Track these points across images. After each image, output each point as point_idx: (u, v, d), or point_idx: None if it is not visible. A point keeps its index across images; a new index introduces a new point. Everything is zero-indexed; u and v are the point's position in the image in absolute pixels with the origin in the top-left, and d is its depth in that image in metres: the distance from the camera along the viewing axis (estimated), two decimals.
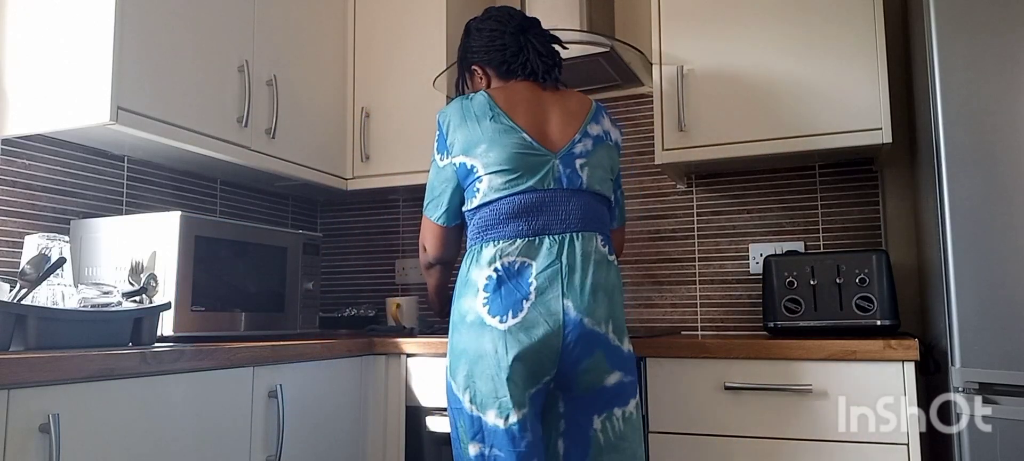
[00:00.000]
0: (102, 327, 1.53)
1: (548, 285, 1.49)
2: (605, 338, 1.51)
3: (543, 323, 1.47)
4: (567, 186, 1.56)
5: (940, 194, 1.54)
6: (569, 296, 1.49)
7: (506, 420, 1.46)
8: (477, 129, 1.58)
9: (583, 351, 1.49)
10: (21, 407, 1.17)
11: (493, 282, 1.51)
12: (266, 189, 2.58)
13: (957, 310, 1.50)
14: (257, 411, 1.64)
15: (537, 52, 1.68)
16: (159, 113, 1.80)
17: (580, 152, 1.59)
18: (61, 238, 1.60)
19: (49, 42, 1.77)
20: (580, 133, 1.60)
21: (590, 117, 1.64)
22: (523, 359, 1.47)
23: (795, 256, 2.03)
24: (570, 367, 1.49)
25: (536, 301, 1.48)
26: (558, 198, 1.55)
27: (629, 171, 2.51)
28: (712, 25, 2.12)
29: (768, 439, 1.70)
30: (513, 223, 1.54)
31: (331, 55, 2.47)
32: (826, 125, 1.97)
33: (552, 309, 1.48)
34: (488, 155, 1.56)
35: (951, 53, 1.54)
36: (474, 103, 1.61)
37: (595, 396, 1.51)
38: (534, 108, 1.61)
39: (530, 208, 1.54)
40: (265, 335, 2.00)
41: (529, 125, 1.58)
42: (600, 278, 1.53)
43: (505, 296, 1.50)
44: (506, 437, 1.47)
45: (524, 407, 1.47)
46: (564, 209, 1.55)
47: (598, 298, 1.51)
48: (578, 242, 1.53)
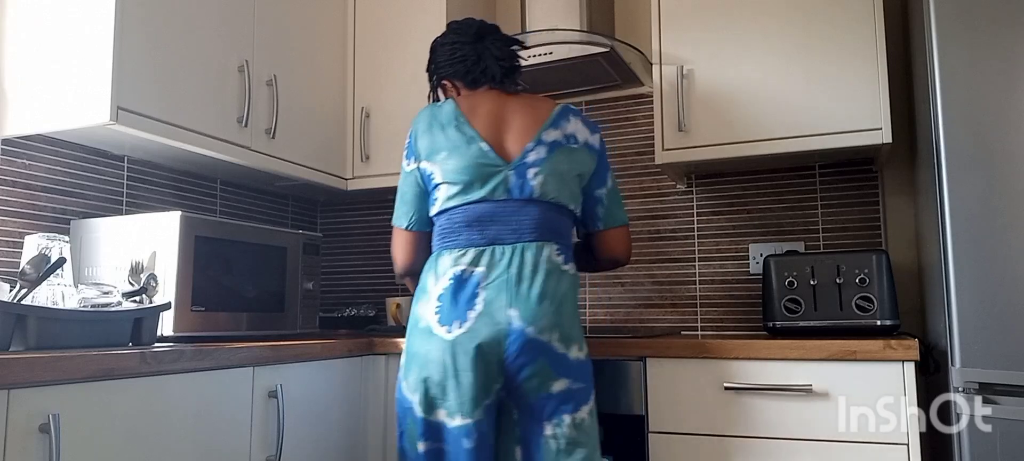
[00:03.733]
0: (102, 327, 1.53)
1: (495, 295, 1.53)
2: (549, 347, 1.53)
3: (487, 333, 1.51)
4: (518, 196, 1.59)
5: (940, 194, 1.54)
6: (515, 306, 1.52)
7: (455, 421, 1.52)
8: (441, 136, 1.62)
9: (526, 360, 1.51)
10: (21, 407, 1.17)
11: (448, 291, 1.56)
12: (266, 189, 2.58)
13: (957, 310, 1.50)
14: (257, 411, 1.64)
15: (494, 57, 1.70)
16: (159, 113, 1.80)
17: (532, 161, 1.60)
18: (61, 238, 1.60)
19: (49, 42, 1.77)
20: (534, 141, 1.62)
21: (549, 123, 1.64)
22: (469, 368, 1.51)
23: (795, 256, 2.03)
24: (514, 375, 1.52)
25: (483, 311, 1.52)
26: (509, 208, 1.58)
27: (629, 171, 2.51)
28: (712, 25, 2.12)
29: (768, 439, 1.70)
30: (467, 232, 1.58)
31: (331, 55, 2.47)
32: (826, 125, 1.97)
33: (497, 319, 1.52)
34: (447, 163, 1.60)
35: (951, 53, 1.54)
36: (442, 111, 1.65)
37: (543, 404, 1.53)
38: (496, 117, 1.64)
39: (482, 218, 1.58)
40: (265, 335, 2.00)
41: (488, 134, 1.61)
42: (549, 287, 1.55)
43: (455, 306, 1.54)
44: (455, 434, 1.52)
45: (474, 413, 1.52)
46: (516, 219, 1.58)
47: (544, 307, 1.53)
48: (529, 252, 1.56)
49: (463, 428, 1.52)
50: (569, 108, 1.70)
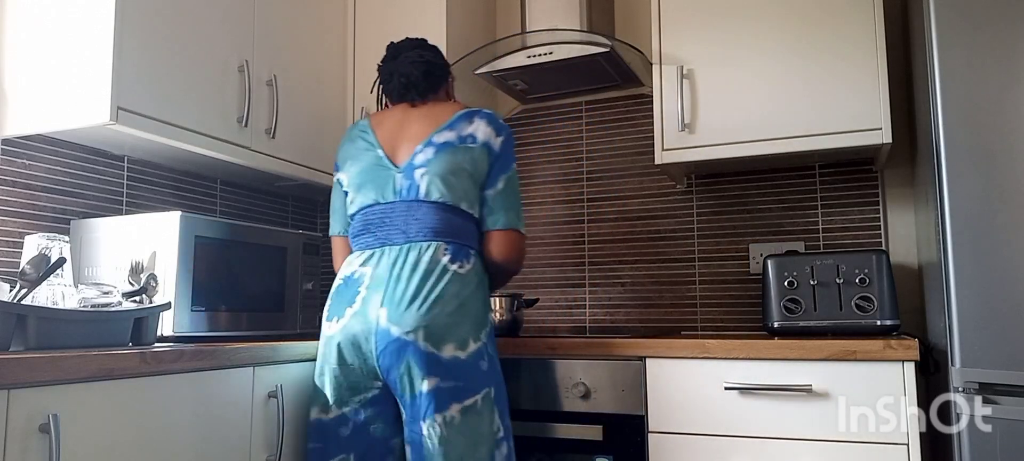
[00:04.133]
0: (102, 327, 1.53)
1: (371, 295, 1.61)
2: (412, 344, 1.56)
3: (358, 329, 1.61)
4: (406, 197, 1.66)
5: (940, 194, 1.54)
6: (385, 305, 1.59)
7: (326, 413, 1.65)
8: (350, 148, 1.78)
9: (392, 360, 1.57)
10: (21, 407, 1.17)
11: (337, 289, 1.69)
12: (266, 189, 2.57)
13: (957, 310, 1.50)
14: (257, 411, 1.64)
15: (400, 74, 1.78)
16: (159, 113, 1.80)
17: (420, 163, 1.67)
18: (61, 238, 1.60)
19: (49, 42, 1.77)
20: (423, 143, 1.68)
21: (445, 125, 1.70)
22: (341, 362, 1.63)
23: (795, 256, 2.03)
24: (386, 373, 1.60)
25: (358, 310, 1.61)
26: (399, 209, 1.67)
27: (629, 171, 2.51)
28: (712, 25, 2.12)
29: (768, 439, 1.70)
30: (364, 235, 1.69)
31: (331, 55, 2.47)
32: (826, 125, 1.97)
33: (368, 318, 1.60)
34: (351, 169, 1.75)
35: (951, 53, 1.54)
36: (357, 126, 1.81)
37: (415, 402, 1.57)
38: (398, 126, 1.74)
39: (375, 221, 1.68)
40: (265, 335, 1.99)
41: (385, 142, 1.73)
42: (425, 287, 1.58)
43: (339, 302, 1.66)
44: (323, 428, 1.65)
45: (349, 403, 1.63)
46: (403, 220, 1.65)
47: (413, 307, 1.57)
48: (413, 252, 1.61)
49: (339, 417, 1.64)
50: (477, 111, 1.74)
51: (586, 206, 2.59)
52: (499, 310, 2.21)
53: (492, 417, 1.62)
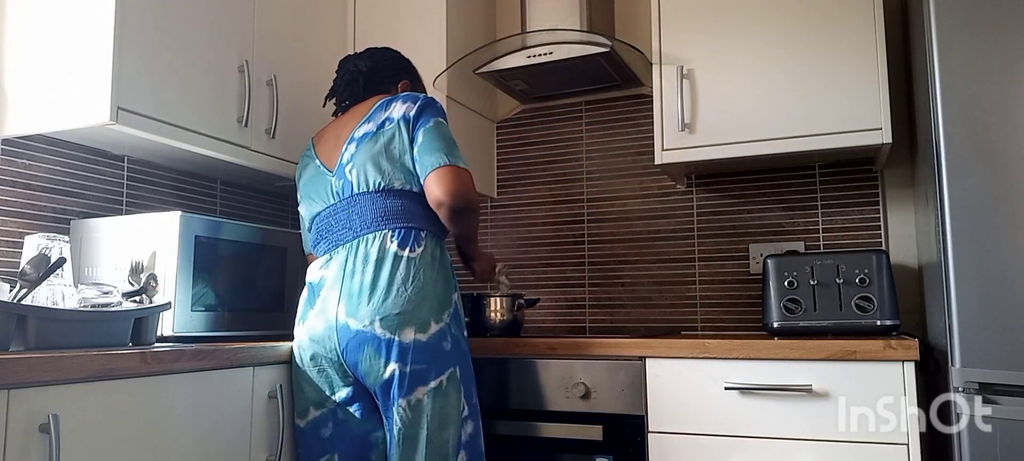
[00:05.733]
0: (102, 327, 1.53)
1: (329, 293, 1.65)
2: (371, 335, 1.58)
3: (320, 328, 1.64)
4: (344, 195, 1.70)
5: (940, 194, 1.54)
6: (342, 300, 1.62)
7: (303, 418, 1.67)
8: (300, 169, 1.87)
9: (355, 351, 1.60)
10: (21, 407, 1.17)
11: (304, 296, 1.74)
12: (266, 189, 2.57)
13: (957, 310, 1.50)
14: (257, 411, 1.64)
15: (333, 88, 1.91)
16: (159, 113, 1.80)
17: (346, 160, 1.72)
18: (61, 238, 1.60)
19: (49, 42, 1.77)
20: (347, 141, 1.74)
21: (364, 119, 1.74)
22: (312, 362, 1.66)
23: (795, 256, 2.03)
24: (353, 366, 1.62)
25: (318, 310, 1.66)
26: (340, 208, 1.71)
27: (629, 171, 2.51)
28: (712, 25, 2.12)
29: (768, 439, 1.70)
30: (321, 243, 1.74)
31: (331, 55, 2.46)
32: (826, 125, 1.97)
33: (328, 317, 1.64)
34: (298, 184, 1.84)
35: (951, 53, 1.54)
36: (306, 151, 1.88)
37: (385, 389, 1.60)
38: (331, 136, 1.81)
39: (325, 226, 1.73)
40: (265, 335, 1.99)
41: (322, 152, 1.80)
42: (377, 276, 1.61)
43: (304, 308, 1.71)
44: (303, 434, 1.67)
45: (322, 407, 1.66)
46: (346, 217, 1.69)
47: (364, 298, 1.60)
48: (362, 245, 1.65)
49: (318, 418, 1.66)
50: (395, 97, 1.76)
51: (586, 206, 2.59)
52: (499, 310, 2.21)
53: (458, 397, 1.62)
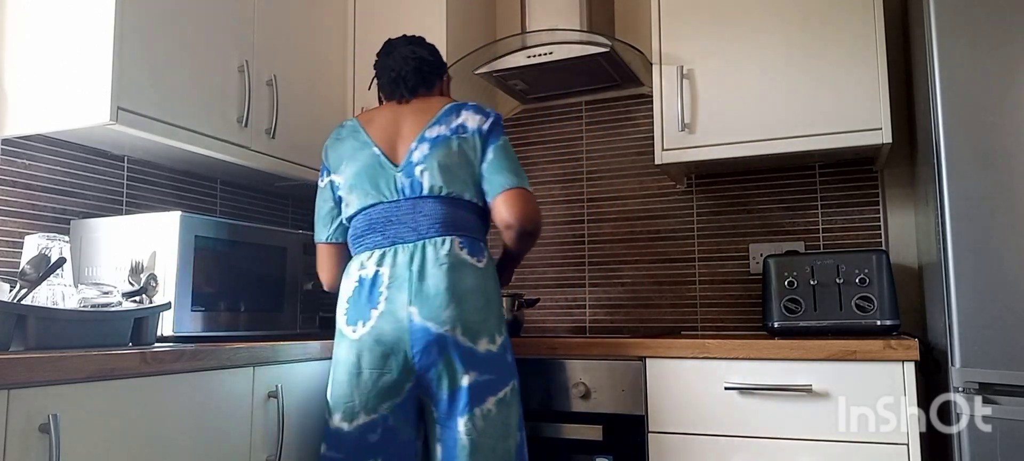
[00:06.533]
0: (102, 327, 1.53)
1: (396, 293, 1.58)
2: (453, 340, 1.56)
3: (389, 330, 1.57)
4: (411, 195, 1.64)
5: (940, 194, 1.54)
6: (415, 303, 1.56)
7: (350, 422, 1.60)
8: (342, 148, 1.73)
9: (432, 357, 1.56)
10: (21, 407, 1.17)
11: (353, 293, 1.63)
12: (266, 189, 2.57)
13: (957, 310, 1.50)
14: (257, 411, 1.64)
15: (389, 69, 1.77)
16: (159, 113, 1.80)
17: (417, 160, 1.65)
18: (61, 238, 1.60)
19: (49, 42, 1.77)
20: (416, 140, 1.67)
21: (434, 120, 1.69)
22: (372, 366, 1.58)
23: (795, 256, 2.03)
24: (423, 372, 1.58)
25: (385, 310, 1.58)
26: (404, 208, 1.64)
27: (629, 171, 2.51)
28: (712, 25, 2.12)
29: (768, 439, 1.70)
30: (371, 235, 1.65)
31: (331, 55, 2.47)
32: (826, 125, 1.97)
33: (399, 317, 1.57)
34: (346, 171, 1.70)
35: (951, 53, 1.54)
36: (345, 127, 1.77)
37: (454, 399, 1.57)
38: (390, 124, 1.72)
39: (381, 220, 1.65)
40: (265, 335, 1.99)
41: (382, 140, 1.70)
42: (452, 282, 1.58)
43: (359, 306, 1.61)
44: (346, 439, 1.60)
45: (379, 409, 1.59)
46: (412, 218, 1.63)
47: (445, 302, 1.56)
48: (430, 248, 1.60)
49: (368, 424, 1.59)
50: (463, 103, 1.74)
51: (586, 206, 2.59)
52: None
53: (518, 408, 1.65)
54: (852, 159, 2.23)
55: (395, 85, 1.77)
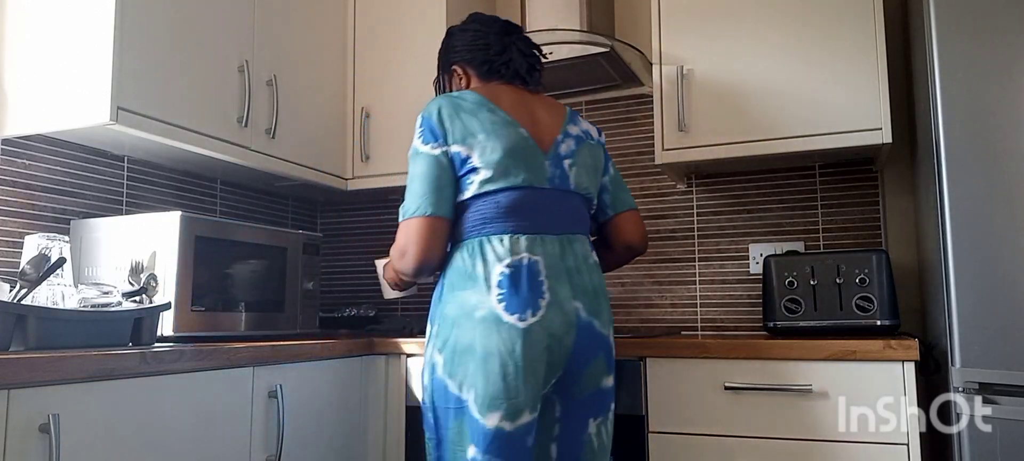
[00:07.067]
0: (102, 327, 1.53)
1: (558, 286, 1.47)
2: (607, 341, 1.53)
3: (560, 323, 1.46)
4: (559, 186, 1.55)
5: (940, 194, 1.54)
6: (578, 298, 1.49)
7: (513, 421, 1.41)
8: (473, 120, 1.52)
9: (590, 353, 1.50)
10: (21, 407, 1.17)
11: (507, 278, 1.45)
12: (266, 189, 2.57)
13: (957, 310, 1.50)
14: (257, 411, 1.64)
15: (520, 52, 1.66)
16: (159, 113, 1.80)
17: (565, 153, 1.58)
18: (61, 238, 1.60)
19: (49, 42, 1.77)
20: (562, 133, 1.60)
21: (569, 118, 1.65)
22: (541, 359, 1.44)
23: (795, 256, 2.03)
24: (577, 369, 1.49)
25: (552, 301, 1.46)
26: (553, 198, 1.54)
27: (629, 171, 2.51)
28: (712, 25, 2.12)
29: (768, 439, 1.70)
30: (513, 218, 1.49)
31: (331, 55, 2.47)
32: (826, 125, 1.97)
33: (566, 310, 1.47)
34: (486, 145, 1.50)
35: (951, 53, 1.54)
36: (464, 98, 1.55)
37: (593, 399, 1.52)
38: (522, 107, 1.59)
39: (529, 204, 1.50)
40: (265, 335, 2.00)
41: (524, 121, 1.56)
42: (597, 281, 1.55)
43: (523, 294, 1.44)
44: (507, 441, 1.41)
45: (535, 410, 1.45)
46: (559, 209, 1.54)
47: (599, 301, 1.53)
48: (577, 244, 1.54)
49: (528, 425, 1.43)
50: (577, 112, 1.73)
51: None
52: None
53: None
54: (852, 159, 2.23)
55: (529, 72, 1.66)
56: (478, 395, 1.42)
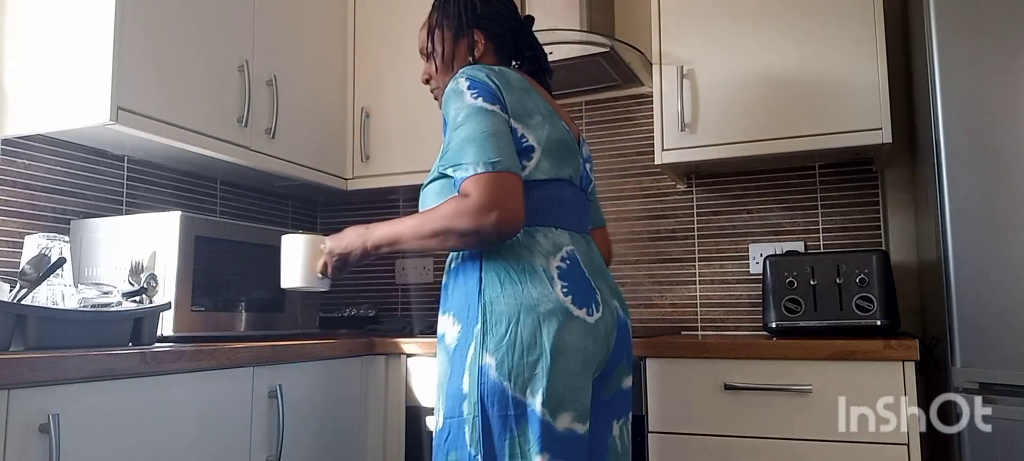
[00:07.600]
0: (102, 327, 1.53)
1: (598, 283, 1.40)
2: (631, 341, 1.50)
3: (611, 321, 1.38)
4: (585, 186, 1.53)
5: (940, 194, 1.54)
6: (614, 297, 1.44)
7: (585, 425, 1.30)
8: (528, 99, 1.39)
9: (622, 353, 1.43)
10: (21, 407, 1.17)
11: (565, 272, 1.33)
12: (266, 189, 2.57)
13: (957, 310, 1.50)
14: (257, 411, 1.64)
15: (539, 48, 1.61)
16: (159, 113, 1.80)
17: (586, 155, 1.57)
18: (61, 238, 1.60)
19: (49, 42, 1.77)
20: (582, 137, 1.60)
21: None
22: (599, 357, 1.35)
23: (795, 256, 2.03)
24: (609, 370, 1.40)
25: (601, 299, 1.38)
26: (580, 197, 1.49)
27: (629, 171, 2.51)
28: (712, 25, 2.12)
29: (768, 439, 1.70)
30: (555, 211, 1.39)
31: (331, 55, 2.47)
32: (826, 125, 1.97)
33: (611, 307, 1.40)
34: (542, 130, 1.38)
35: (951, 53, 1.54)
36: (507, 74, 1.40)
37: (615, 400, 1.45)
38: (550, 100, 1.51)
39: (566, 201, 1.42)
40: (265, 335, 2.00)
41: (560, 114, 1.49)
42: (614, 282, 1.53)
43: (582, 289, 1.34)
44: (576, 445, 1.28)
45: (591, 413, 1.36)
46: (583, 208, 1.49)
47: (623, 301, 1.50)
48: (592, 244, 1.50)
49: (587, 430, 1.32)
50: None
51: None
52: None
53: None
54: (852, 159, 2.23)
55: (547, 71, 1.60)
56: (547, 396, 1.26)
